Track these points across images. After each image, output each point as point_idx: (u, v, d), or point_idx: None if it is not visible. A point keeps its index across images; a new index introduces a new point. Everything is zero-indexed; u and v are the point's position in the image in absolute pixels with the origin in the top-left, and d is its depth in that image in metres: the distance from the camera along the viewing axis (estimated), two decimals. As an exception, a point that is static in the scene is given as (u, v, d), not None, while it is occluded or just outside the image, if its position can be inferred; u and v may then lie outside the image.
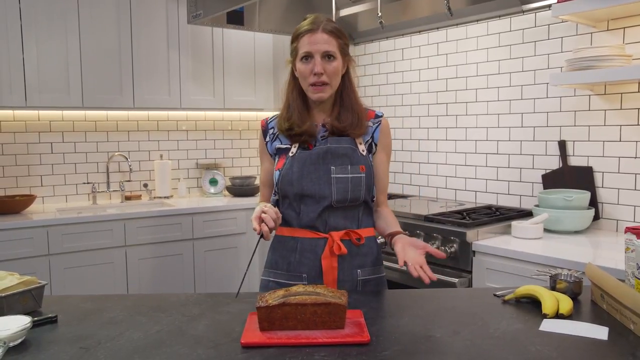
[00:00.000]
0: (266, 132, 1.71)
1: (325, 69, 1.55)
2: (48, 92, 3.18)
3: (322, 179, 1.58)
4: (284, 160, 1.63)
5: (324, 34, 1.55)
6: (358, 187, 1.59)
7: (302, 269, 1.60)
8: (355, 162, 1.60)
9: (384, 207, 1.73)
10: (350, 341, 1.12)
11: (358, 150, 1.62)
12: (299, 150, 1.62)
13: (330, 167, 1.58)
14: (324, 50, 1.55)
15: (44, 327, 1.25)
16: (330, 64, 1.56)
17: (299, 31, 1.59)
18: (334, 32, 1.57)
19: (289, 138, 1.64)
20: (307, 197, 1.58)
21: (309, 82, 1.57)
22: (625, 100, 2.36)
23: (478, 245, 2.21)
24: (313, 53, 1.55)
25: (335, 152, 1.59)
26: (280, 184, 1.62)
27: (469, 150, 3.04)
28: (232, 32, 3.82)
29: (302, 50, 1.57)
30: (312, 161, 1.59)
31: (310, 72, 1.56)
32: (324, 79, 1.55)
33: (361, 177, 1.59)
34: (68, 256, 3.02)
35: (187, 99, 3.67)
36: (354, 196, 1.59)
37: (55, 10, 3.17)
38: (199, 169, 4.06)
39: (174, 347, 1.11)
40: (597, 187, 2.47)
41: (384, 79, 3.50)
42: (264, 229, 1.43)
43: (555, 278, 1.44)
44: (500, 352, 1.07)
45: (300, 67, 1.58)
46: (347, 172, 1.58)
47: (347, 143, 1.61)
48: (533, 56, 2.68)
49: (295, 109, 1.63)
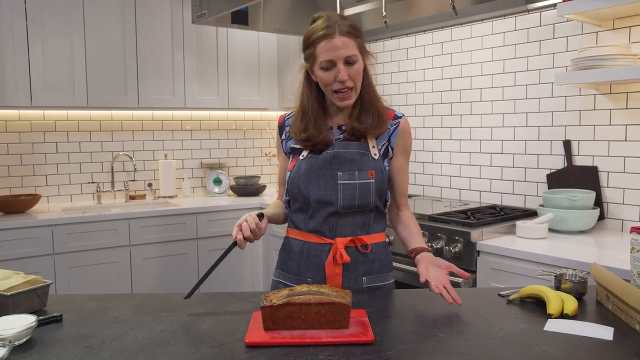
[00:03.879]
0: (282, 130, 1.69)
1: (349, 74, 1.50)
2: (53, 92, 3.19)
3: (329, 185, 1.55)
4: (295, 161, 1.62)
5: (342, 37, 1.48)
6: (366, 193, 1.55)
7: (308, 274, 1.59)
8: (364, 167, 1.55)
9: (405, 211, 1.69)
10: (354, 341, 1.11)
11: (369, 155, 1.57)
12: (310, 154, 1.59)
13: (337, 173, 1.55)
14: (345, 56, 1.49)
15: (49, 326, 1.25)
16: (353, 68, 1.50)
17: (314, 36, 1.51)
18: (351, 32, 1.51)
19: (304, 146, 1.60)
20: (314, 202, 1.56)
21: (333, 89, 1.52)
22: (631, 100, 2.35)
23: (482, 245, 2.20)
24: (335, 61, 1.49)
25: (343, 158, 1.55)
26: (289, 187, 1.61)
27: (473, 150, 3.03)
28: (237, 32, 3.82)
29: (322, 59, 1.50)
30: (319, 166, 1.56)
31: (333, 80, 1.50)
32: (349, 84, 1.51)
33: (370, 183, 1.55)
34: (73, 255, 3.03)
35: (191, 98, 3.68)
36: (362, 202, 1.55)
37: (61, 11, 3.18)
38: (203, 169, 4.06)
39: (178, 347, 1.12)
40: (602, 187, 2.46)
41: (388, 79, 3.49)
42: (238, 237, 1.43)
43: (560, 278, 1.43)
44: (505, 352, 1.07)
45: (321, 75, 1.52)
46: (355, 178, 1.54)
47: (356, 148, 1.57)
48: (538, 55, 2.68)
49: (312, 117, 1.58)
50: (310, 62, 1.55)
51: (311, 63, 1.55)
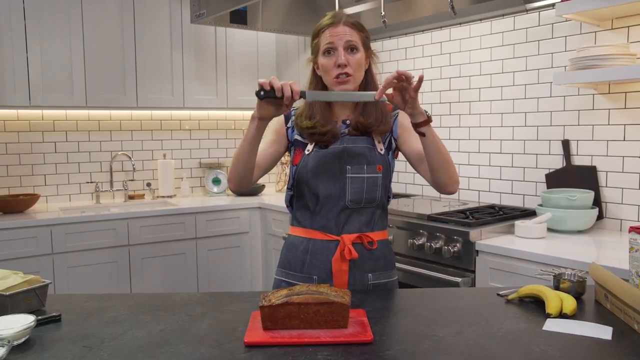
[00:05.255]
0: (289, 118, 1.67)
1: (348, 61, 1.52)
2: (52, 91, 3.19)
3: (338, 179, 1.56)
4: (300, 155, 1.61)
5: (345, 27, 1.53)
6: (374, 187, 1.56)
7: (313, 271, 1.59)
8: (372, 161, 1.57)
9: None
10: (353, 340, 1.11)
11: (376, 149, 1.58)
12: (316, 148, 1.59)
13: (346, 166, 1.56)
14: (346, 41, 1.52)
15: (48, 326, 1.25)
16: (353, 56, 1.53)
17: (320, 27, 1.56)
18: (356, 25, 1.56)
19: (309, 137, 1.60)
20: (322, 197, 1.57)
21: (333, 75, 1.53)
22: (630, 100, 2.35)
23: (481, 245, 2.20)
24: (336, 44, 1.52)
25: (352, 152, 1.57)
26: (295, 181, 1.62)
27: (472, 150, 3.04)
28: (236, 32, 3.82)
29: (324, 43, 1.53)
30: (327, 160, 1.56)
31: (333, 65, 1.52)
32: (348, 70, 1.52)
33: (377, 177, 1.57)
34: (71, 255, 3.03)
35: (190, 98, 3.68)
36: (370, 197, 1.57)
37: (59, 10, 3.18)
38: (202, 168, 4.06)
39: (177, 346, 1.12)
40: (601, 187, 2.46)
41: (387, 78, 3.49)
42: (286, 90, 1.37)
43: (558, 278, 1.43)
44: (504, 352, 1.07)
45: (323, 61, 1.55)
46: (363, 171, 1.56)
47: (364, 142, 1.58)
48: (537, 55, 2.68)
49: (319, 109, 1.59)
50: (315, 53, 1.59)
51: (315, 54, 1.58)
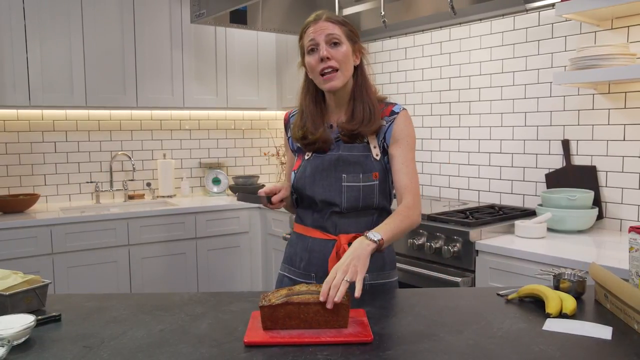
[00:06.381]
0: (287, 127, 1.70)
1: (332, 55, 1.49)
2: (52, 91, 3.19)
3: (333, 187, 1.56)
4: (300, 161, 1.64)
5: (326, 22, 1.52)
6: (370, 195, 1.56)
7: (312, 269, 1.61)
8: (368, 169, 1.56)
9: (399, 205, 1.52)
10: (353, 340, 1.11)
11: (372, 156, 1.57)
12: (314, 154, 1.60)
13: (341, 175, 1.55)
14: (327, 34, 1.50)
15: (48, 325, 1.25)
16: (337, 50, 1.50)
17: (302, 27, 1.56)
18: (339, 20, 1.54)
19: (304, 147, 1.61)
20: (320, 202, 1.58)
21: (318, 71, 1.51)
22: (630, 99, 2.35)
23: (481, 245, 2.20)
24: (317, 40, 1.50)
25: (347, 160, 1.56)
26: (295, 187, 1.63)
27: (472, 150, 3.04)
28: (235, 32, 3.82)
29: (307, 41, 1.53)
30: (323, 168, 1.57)
31: (318, 62, 1.50)
32: (333, 63, 1.49)
33: (374, 185, 1.56)
34: (71, 255, 3.03)
35: (190, 98, 3.68)
36: (366, 204, 1.56)
37: (59, 10, 3.18)
38: (202, 168, 4.06)
39: (177, 346, 1.12)
40: (601, 187, 2.46)
41: (387, 78, 3.49)
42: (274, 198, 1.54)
43: (558, 277, 1.43)
44: (504, 352, 1.07)
45: (308, 60, 1.54)
46: (359, 180, 1.54)
47: (360, 150, 1.56)
48: (536, 55, 2.68)
49: (309, 114, 1.59)
50: (302, 55, 1.58)
51: (302, 56, 1.57)
